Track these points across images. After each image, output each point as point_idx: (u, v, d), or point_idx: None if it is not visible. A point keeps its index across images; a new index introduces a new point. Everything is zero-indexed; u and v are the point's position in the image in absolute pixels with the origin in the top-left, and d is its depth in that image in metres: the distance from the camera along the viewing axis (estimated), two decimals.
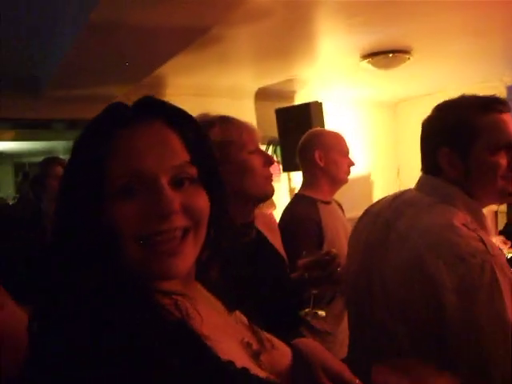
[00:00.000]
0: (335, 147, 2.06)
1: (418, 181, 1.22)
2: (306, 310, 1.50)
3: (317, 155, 2.03)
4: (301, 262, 1.46)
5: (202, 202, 0.68)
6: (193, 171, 0.68)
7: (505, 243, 3.63)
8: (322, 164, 2.02)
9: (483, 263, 0.97)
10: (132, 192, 0.64)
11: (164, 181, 0.65)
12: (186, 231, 0.66)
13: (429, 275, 0.99)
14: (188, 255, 0.66)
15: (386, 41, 3.06)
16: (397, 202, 1.20)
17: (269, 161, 1.37)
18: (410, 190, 1.23)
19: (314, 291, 1.49)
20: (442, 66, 3.88)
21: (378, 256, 1.14)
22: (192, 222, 0.66)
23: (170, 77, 3.45)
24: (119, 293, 0.60)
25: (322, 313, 1.54)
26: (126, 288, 0.61)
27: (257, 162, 1.34)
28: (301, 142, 2.16)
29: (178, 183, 0.66)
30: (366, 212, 1.31)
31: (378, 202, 1.31)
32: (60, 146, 6.34)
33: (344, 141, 2.11)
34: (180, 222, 0.65)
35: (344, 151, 2.08)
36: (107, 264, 0.62)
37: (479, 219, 1.10)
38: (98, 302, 0.57)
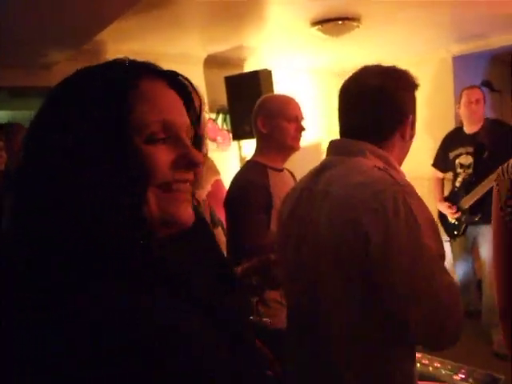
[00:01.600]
0: (280, 113, 2.04)
1: (329, 147, 1.35)
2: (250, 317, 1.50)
3: (259, 122, 2.04)
4: (239, 268, 1.50)
5: None
6: (191, 134, 0.76)
7: (450, 208, 3.85)
8: (264, 131, 2.03)
9: (395, 194, 1.09)
10: (160, 140, 0.68)
11: (184, 135, 0.72)
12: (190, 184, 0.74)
13: (353, 218, 1.10)
14: (191, 205, 0.74)
15: (336, 8, 3.11)
16: (317, 170, 1.32)
17: None
18: (327, 158, 1.34)
19: (256, 299, 1.53)
20: (391, 34, 3.98)
21: (306, 222, 1.25)
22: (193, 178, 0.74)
23: (113, 42, 3.37)
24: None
25: (266, 320, 1.55)
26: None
27: None
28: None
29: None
30: (292, 189, 1.43)
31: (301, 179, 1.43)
32: (5, 116, 6.11)
33: (292, 105, 2.07)
34: (192, 174, 0.73)
35: (290, 116, 2.04)
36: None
37: (389, 163, 1.26)
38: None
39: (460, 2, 3.27)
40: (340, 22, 3.27)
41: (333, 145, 1.35)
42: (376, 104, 1.29)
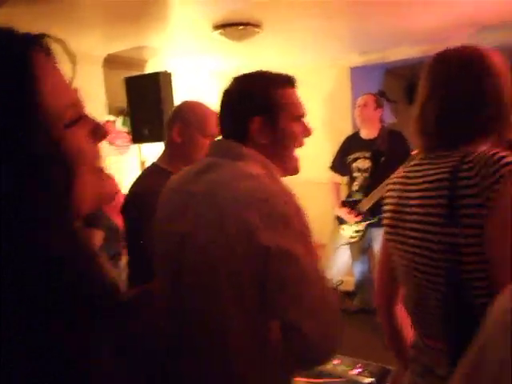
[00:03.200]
0: (199, 126, 1.99)
1: (212, 147, 1.36)
2: None
3: (175, 130, 1.98)
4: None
5: None
6: None
7: (350, 213, 4.09)
8: (178, 140, 1.98)
9: (286, 198, 1.16)
10: (79, 122, 0.65)
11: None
12: None
13: (245, 228, 1.09)
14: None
15: (237, 13, 3.18)
16: (196, 172, 1.28)
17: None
18: (205, 158, 1.33)
19: None
20: (292, 41, 4.14)
21: (184, 225, 1.20)
22: None
23: None
24: None
25: None
26: None
27: None
28: (172, 111, 2.11)
29: None
30: (166, 189, 1.37)
31: (173, 177, 1.39)
32: None
33: (212, 121, 1.97)
34: None
35: (208, 132, 1.97)
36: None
37: (269, 169, 1.27)
38: None
39: (358, 17, 3.50)
40: (241, 27, 3.35)
41: (214, 145, 1.36)
42: (224, 109, 1.35)
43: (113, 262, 2.98)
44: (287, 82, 1.37)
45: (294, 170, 1.42)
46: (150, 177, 2.04)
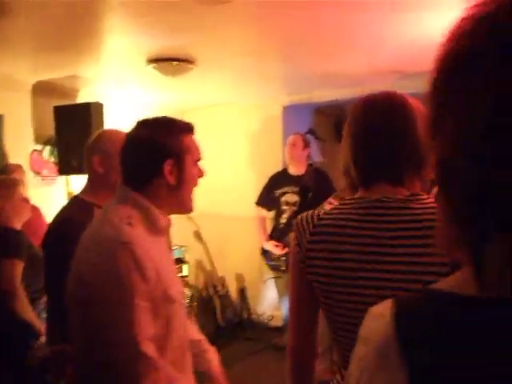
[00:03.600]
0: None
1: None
2: None
3: (95, 160, 1.94)
4: (35, 360, 1.62)
5: None
6: None
7: (277, 246, 4.17)
8: (100, 170, 1.94)
9: (114, 247, 1.29)
10: None
11: None
12: None
13: (79, 269, 1.34)
14: None
15: (171, 48, 3.22)
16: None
17: None
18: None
19: None
20: (226, 79, 4.23)
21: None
22: None
23: None
24: None
25: None
26: None
27: None
28: (89, 141, 2.06)
29: None
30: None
31: None
32: None
33: None
34: None
35: None
36: None
37: (149, 216, 1.42)
38: None
39: (289, 59, 3.65)
40: (176, 63, 3.39)
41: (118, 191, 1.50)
42: (142, 153, 1.45)
43: (33, 300, 2.68)
44: (191, 128, 1.54)
45: (190, 210, 1.55)
46: (70, 209, 2.01)
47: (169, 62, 3.36)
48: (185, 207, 1.53)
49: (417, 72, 3.97)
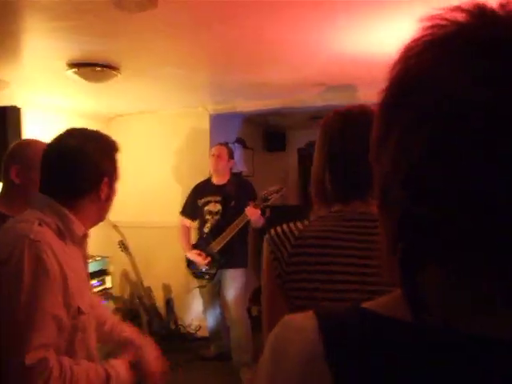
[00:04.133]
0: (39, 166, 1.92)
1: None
2: None
3: (13, 170, 1.87)
4: None
5: None
6: None
7: (200, 255, 4.14)
8: (17, 181, 1.87)
9: (21, 243, 1.28)
10: None
11: None
12: None
13: None
14: None
15: (94, 53, 3.12)
16: None
17: None
18: None
19: None
20: (152, 87, 4.16)
21: None
22: None
23: None
24: None
25: None
26: None
27: None
28: (8, 149, 1.98)
29: None
30: None
31: None
32: None
33: None
34: None
35: None
36: None
37: (66, 224, 1.44)
38: None
39: (217, 69, 3.65)
40: (98, 69, 3.28)
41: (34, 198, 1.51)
42: (72, 164, 1.45)
43: None
44: (118, 147, 1.57)
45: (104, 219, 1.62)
46: None
47: (91, 68, 3.25)
48: (102, 219, 1.59)
49: (342, 84, 4.11)
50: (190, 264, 4.29)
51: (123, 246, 5.07)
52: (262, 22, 2.61)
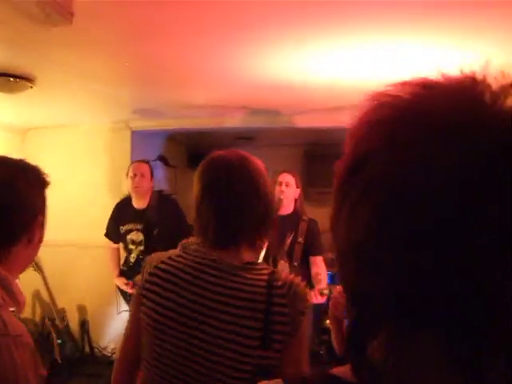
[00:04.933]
0: None
1: None
2: None
3: None
4: None
5: None
6: None
7: (127, 285, 3.93)
8: None
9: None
10: None
11: None
12: None
13: None
14: None
15: (8, 63, 2.98)
16: None
17: None
18: None
19: None
20: (70, 101, 4.03)
21: None
22: None
23: None
24: None
25: None
26: None
27: None
28: None
29: None
30: None
31: None
32: None
33: None
34: None
35: None
36: None
37: (8, 289, 1.12)
38: None
39: (141, 85, 3.61)
40: (12, 79, 3.13)
41: None
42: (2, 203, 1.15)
43: None
44: (48, 181, 1.31)
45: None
46: None
47: (5, 78, 3.08)
48: (28, 266, 1.28)
49: (264, 108, 4.19)
50: (122, 292, 4.12)
51: (36, 265, 4.80)
52: (183, 43, 2.61)
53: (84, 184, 5.11)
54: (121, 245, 4.14)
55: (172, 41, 2.59)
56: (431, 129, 0.44)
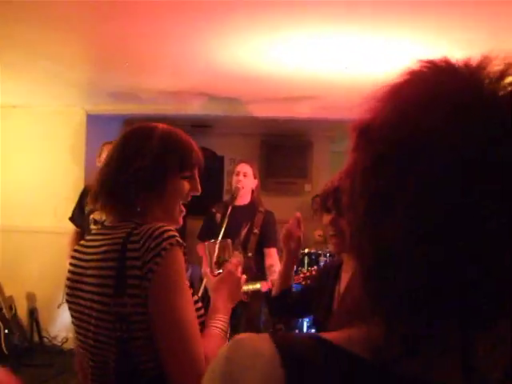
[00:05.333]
0: None
1: None
2: None
3: None
4: None
5: None
6: None
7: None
8: None
9: None
10: None
11: None
12: None
13: None
14: None
15: None
16: None
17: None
18: None
19: None
20: (25, 81, 3.91)
21: None
22: None
23: None
24: None
25: None
26: None
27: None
28: None
29: None
30: None
31: None
32: None
33: None
34: None
35: None
36: None
37: None
38: None
39: (98, 68, 3.53)
40: None
41: None
42: None
43: None
44: None
45: None
46: None
47: None
48: None
49: (225, 96, 4.16)
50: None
51: None
52: (145, 25, 2.56)
53: (36, 168, 4.94)
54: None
55: (134, 22, 2.52)
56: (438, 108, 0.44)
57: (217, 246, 1.58)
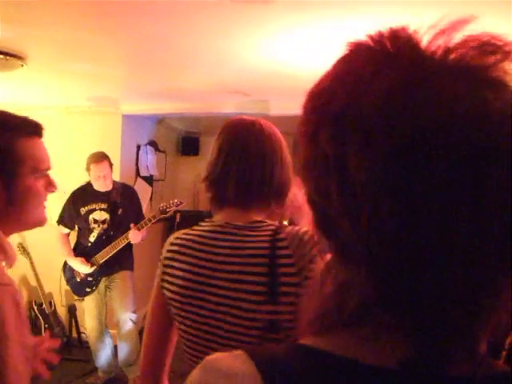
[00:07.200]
0: None
1: None
2: None
3: None
4: None
5: None
6: None
7: (84, 263, 3.94)
8: None
9: None
10: None
11: None
12: None
13: None
14: None
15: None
16: None
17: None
18: None
19: None
20: (60, 81, 3.96)
21: None
22: None
23: None
24: None
25: None
26: None
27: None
28: None
29: None
30: None
31: None
32: None
33: None
34: None
35: None
36: None
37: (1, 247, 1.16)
38: None
39: (133, 68, 3.54)
40: (1, 57, 3.05)
41: None
42: None
43: None
44: (31, 130, 1.27)
45: (40, 223, 1.34)
46: None
47: None
48: (32, 223, 1.29)
49: (257, 95, 4.14)
50: (70, 276, 4.10)
51: (22, 248, 4.75)
52: (180, 26, 2.55)
53: (74, 167, 5.01)
54: (77, 228, 4.13)
55: (171, 21, 2.51)
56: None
57: None
